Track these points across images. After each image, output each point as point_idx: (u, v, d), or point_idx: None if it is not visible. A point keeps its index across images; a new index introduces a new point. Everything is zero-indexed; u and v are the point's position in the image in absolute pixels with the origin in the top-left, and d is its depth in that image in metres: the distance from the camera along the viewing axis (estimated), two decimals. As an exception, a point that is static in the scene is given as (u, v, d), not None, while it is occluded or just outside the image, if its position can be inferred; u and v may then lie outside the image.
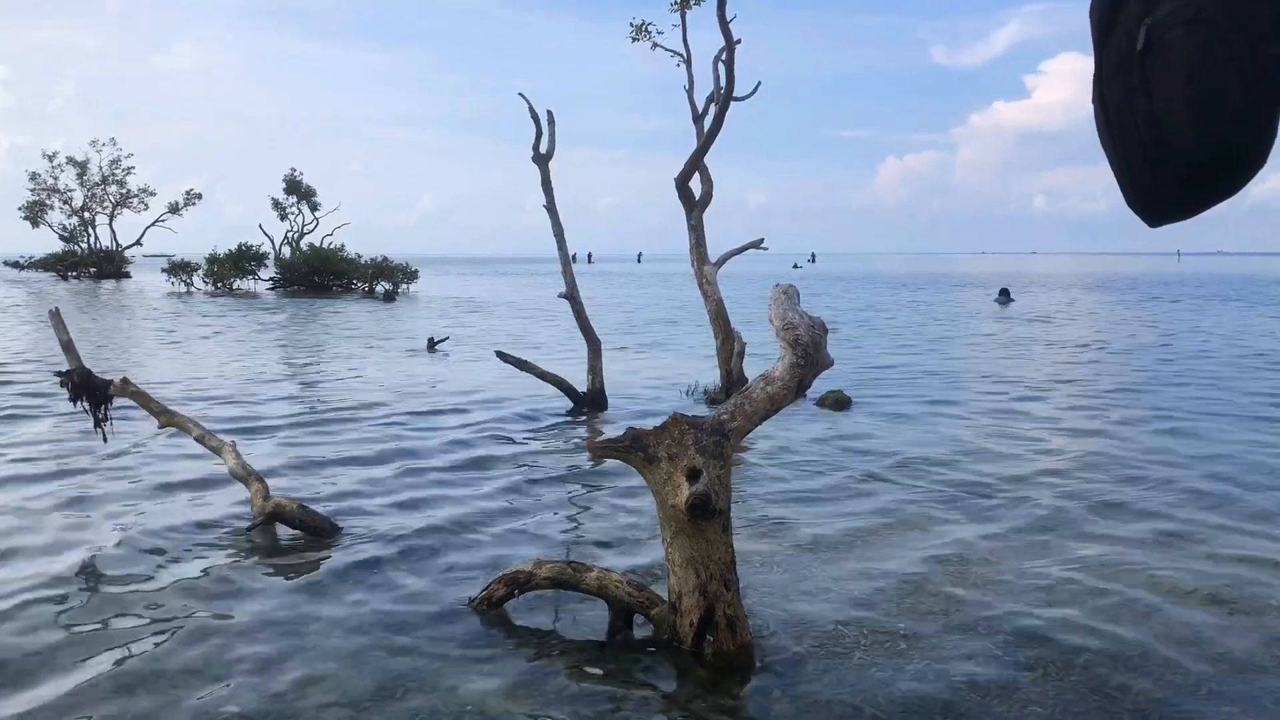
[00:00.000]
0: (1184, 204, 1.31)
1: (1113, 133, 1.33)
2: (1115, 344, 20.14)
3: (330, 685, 4.09)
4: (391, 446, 9.21)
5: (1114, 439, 9.69)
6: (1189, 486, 7.57)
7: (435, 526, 6.48)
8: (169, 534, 6.27)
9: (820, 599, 5.12)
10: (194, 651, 4.43)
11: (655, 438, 4.27)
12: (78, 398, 6.65)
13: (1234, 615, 4.89)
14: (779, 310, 4.72)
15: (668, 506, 4.22)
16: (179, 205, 60.34)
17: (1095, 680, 4.13)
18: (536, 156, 11.85)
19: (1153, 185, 1.30)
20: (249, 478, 6.46)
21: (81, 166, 59.28)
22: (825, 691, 4.02)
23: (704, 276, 12.69)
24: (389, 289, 40.94)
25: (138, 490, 7.42)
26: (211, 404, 11.56)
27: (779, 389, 4.48)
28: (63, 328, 6.73)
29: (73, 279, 55.51)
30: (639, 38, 13.99)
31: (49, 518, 6.67)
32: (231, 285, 45.17)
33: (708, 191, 13.03)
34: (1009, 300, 36.36)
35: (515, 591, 4.85)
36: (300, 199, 56.48)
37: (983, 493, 7.43)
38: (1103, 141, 1.36)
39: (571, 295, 11.79)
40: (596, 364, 11.69)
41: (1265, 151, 1.24)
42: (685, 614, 4.31)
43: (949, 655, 4.38)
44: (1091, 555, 5.85)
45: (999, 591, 5.23)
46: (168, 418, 6.76)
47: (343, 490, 7.48)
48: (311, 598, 5.15)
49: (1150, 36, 1.24)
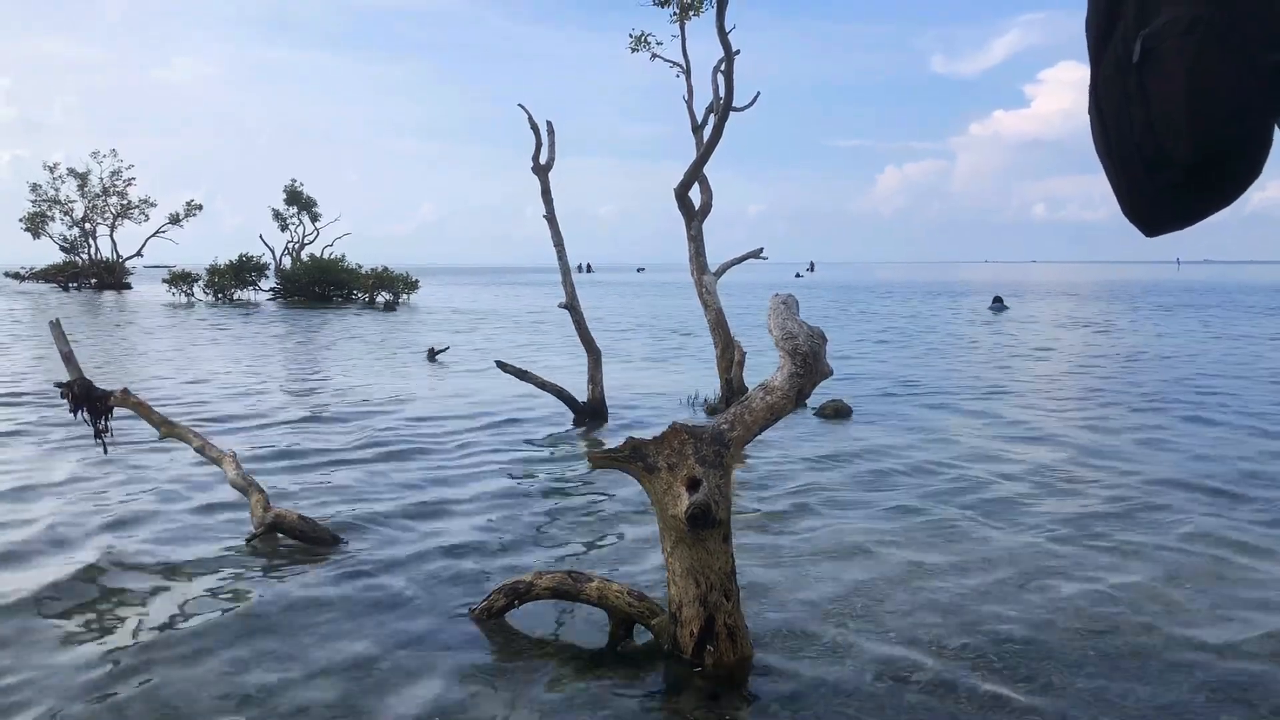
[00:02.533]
0: (1181, 213, 1.32)
1: (1109, 143, 1.33)
2: (1109, 352, 20.15)
3: (330, 695, 4.08)
4: (392, 457, 9.20)
5: (1107, 445, 9.69)
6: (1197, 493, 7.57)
7: (435, 537, 6.47)
8: (169, 544, 6.27)
9: (821, 610, 5.10)
10: (193, 662, 4.42)
11: (655, 447, 4.27)
12: (78, 409, 6.66)
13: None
14: (778, 320, 4.72)
15: (668, 516, 4.21)
16: (180, 216, 60.49)
17: (1101, 689, 4.12)
18: (536, 167, 11.87)
19: (1150, 195, 1.31)
20: (249, 488, 6.46)
21: (82, 178, 59.49)
22: (826, 704, 4.01)
23: (703, 286, 12.70)
24: (390, 299, 40.97)
25: (137, 501, 7.41)
26: (212, 415, 11.55)
27: (778, 398, 4.48)
28: (63, 339, 6.73)
29: (74, 290, 55.56)
30: (639, 48, 14.06)
31: (48, 528, 6.65)
32: (232, 296, 45.21)
33: (707, 201, 13.06)
34: (1003, 308, 36.43)
35: (516, 602, 4.85)
36: (301, 209, 56.63)
37: (988, 504, 7.42)
38: (1099, 152, 1.36)
39: (571, 305, 11.80)
40: (597, 374, 11.69)
41: (1261, 160, 1.24)
42: (685, 624, 4.30)
43: (952, 668, 4.36)
44: (1105, 563, 5.85)
45: (1003, 603, 5.22)
46: (168, 428, 6.76)
47: (343, 500, 7.47)
48: (311, 608, 5.13)
49: (1146, 47, 1.25)
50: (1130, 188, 1.33)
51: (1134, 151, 1.29)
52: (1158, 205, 1.32)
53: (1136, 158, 1.29)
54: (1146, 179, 1.29)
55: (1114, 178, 1.34)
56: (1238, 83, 1.19)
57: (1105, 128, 1.34)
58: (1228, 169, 1.26)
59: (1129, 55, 1.27)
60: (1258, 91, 1.20)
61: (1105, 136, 1.34)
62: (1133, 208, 1.34)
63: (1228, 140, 1.23)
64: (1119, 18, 1.30)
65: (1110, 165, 1.35)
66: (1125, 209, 1.35)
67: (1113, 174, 1.34)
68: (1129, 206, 1.34)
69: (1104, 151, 1.35)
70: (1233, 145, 1.23)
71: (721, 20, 11.95)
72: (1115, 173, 1.34)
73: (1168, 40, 1.22)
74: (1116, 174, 1.33)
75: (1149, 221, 1.34)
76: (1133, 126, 1.28)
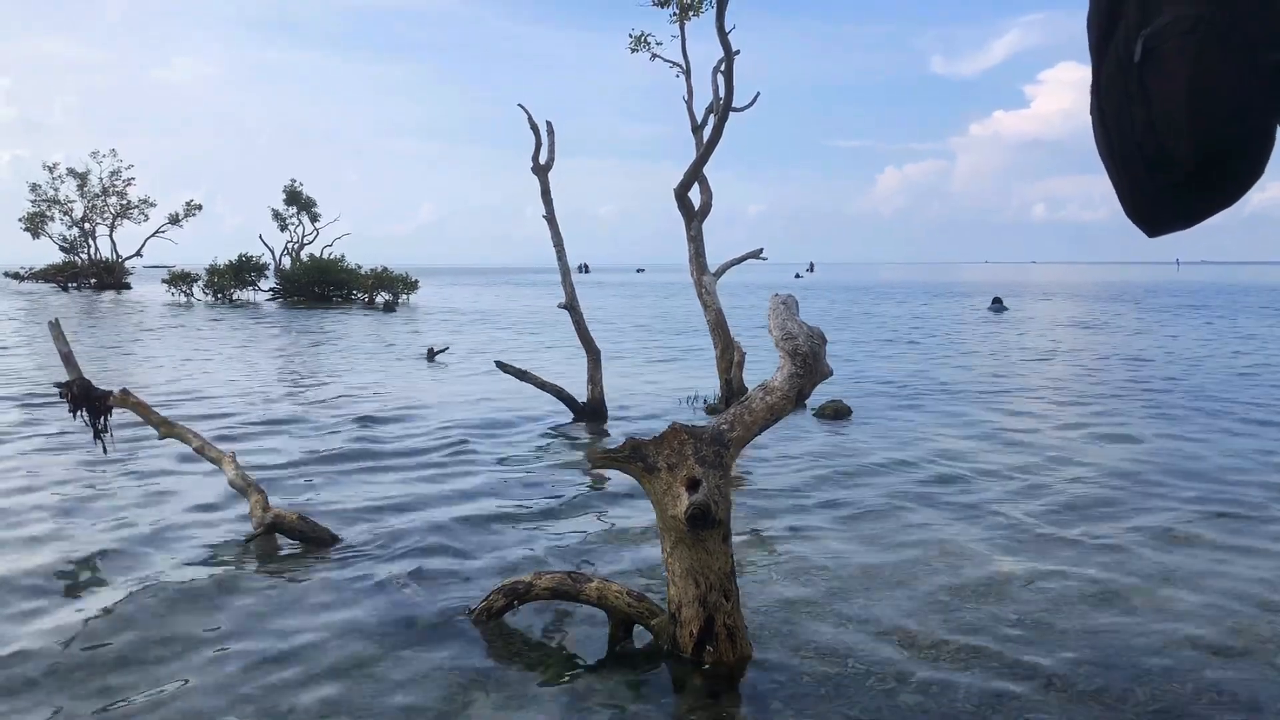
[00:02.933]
0: (1183, 213, 1.31)
1: (1111, 143, 1.33)
2: (1100, 352, 20.15)
3: (327, 696, 4.08)
4: (391, 458, 9.20)
5: (1097, 442, 9.70)
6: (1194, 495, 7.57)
7: (434, 537, 6.46)
8: (168, 545, 6.26)
9: (820, 610, 5.10)
10: (190, 660, 4.42)
11: (655, 447, 4.27)
12: (77, 409, 6.65)
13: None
14: (778, 320, 4.72)
15: (667, 516, 4.21)
16: (179, 216, 60.46)
17: (1100, 692, 4.11)
18: (536, 167, 11.87)
19: (1152, 195, 1.30)
20: (248, 488, 6.45)
21: (82, 178, 59.48)
22: (825, 704, 4.01)
23: (703, 286, 12.70)
24: (389, 299, 40.96)
25: (136, 501, 7.40)
26: (210, 414, 11.55)
27: (778, 399, 4.48)
28: (62, 339, 6.72)
29: (73, 290, 55.55)
30: (638, 49, 14.05)
31: (48, 528, 6.65)
32: (231, 296, 45.20)
33: (707, 202, 13.05)
34: (1003, 309, 36.53)
35: (515, 602, 4.84)
36: (300, 209, 56.58)
37: (989, 504, 7.41)
38: (1101, 152, 1.36)
39: (571, 305, 11.79)
40: (596, 374, 11.69)
41: (1264, 160, 1.24)
42: (685, 624, 4.29)
43: (951, 669, 4.36)
44: (1104, 561, 5.85)
45: (1002, 603, 5.22)
46: (168, 429, 6.75)
47: (342, 500, 7.46)
48: (310, 608, 5.13)
49: (1148, 46, 1.24)
50: (1132, 188, 1.32)
51: (1135, 151, 1.29)
52: (1159, 205, 1.31)
53: (1138, 157, 1.29)
54: (1148, 179, 1.28)
55: (1116, 178, 1.34)
56: (1239, 83, 1.19)
57: (1107, 128, 1.33)
58: (1229, 169, 1.25)
59: (1130, 55, 1.26)
60: (1259, 91, 1.20)
61: (1107, 136, 1.34)
62: (1135, 208, 1.34)
63: (1229, 140, 1.22)
64: (1120, 17, 1.30)
65: (1112, 165, 1.34)
66: (1127, 209, 1.34)
67: (1114, 174, 1.34)
68: (1131, 207, 1.34)
69: (1105, 151, 1.34)
70: (1234, 145, 1.23)
71: (721, 20, 11.95)
72: (1117, 173, 1.33)
73: (1170, 40, 1.22)
74: (1118, 174, 1.33)
75: (1151, 221, 1.34)
76: (1134, 126, 1.28)
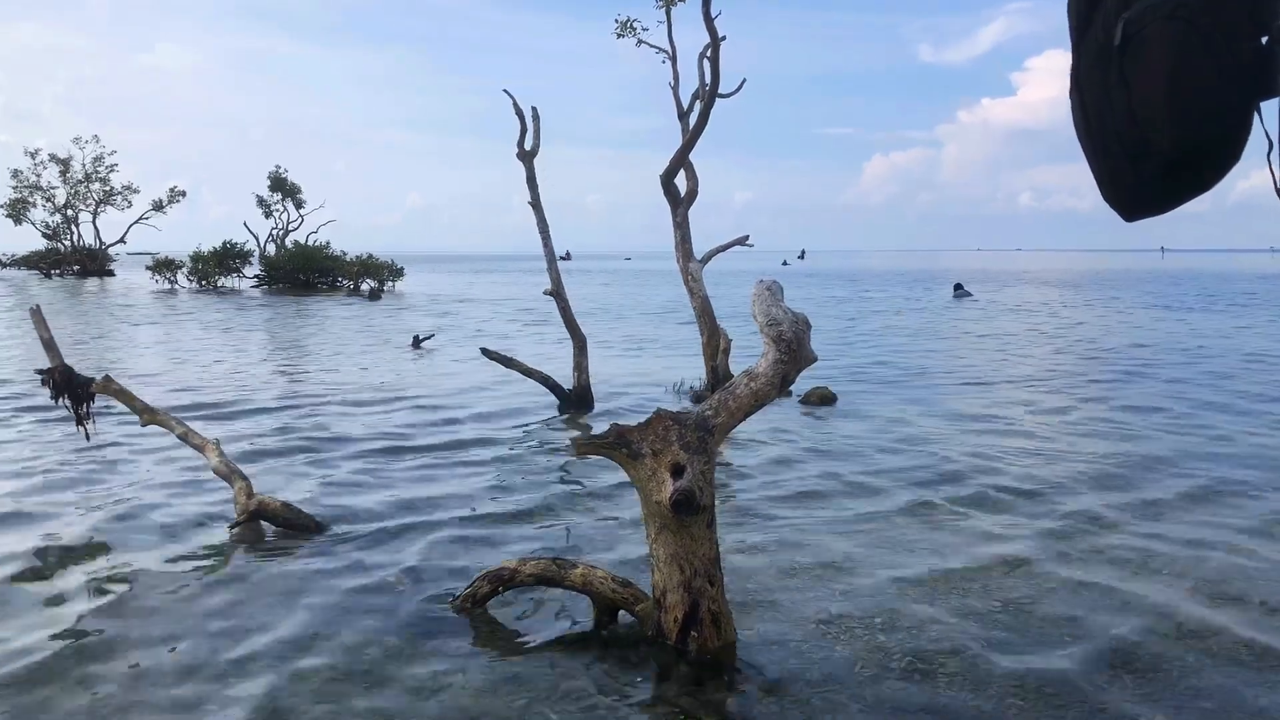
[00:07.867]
0: (1161, 198, 1.32)
1: (1090, 127, 1.33)
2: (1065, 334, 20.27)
3: (311, 683, 4.07)
4: (376, 444, 9.18)
5: (1077, 430, 9.76)
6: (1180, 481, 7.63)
7: (419, 524, 6.46)
8: (150, 532, 6.24)
9: (806, 596, 5.12)
10: (173, 649, 4.40)
11: (639, 434, 4.27)
12: (59, 396, 6.61)
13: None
14: (763, 306, 4.72)
15: (652, 502, 4.21)
16: (163, 202, 59.93)
17: (1089, 683, 4.15)
18: (521, 153, 11.82)
19: (1131, 179, 1.31)
20: (232, 476, 6.43)
21: (64, 164, 58.84)
22: (810, 689, 4.03)
23: (689, 273, 12.69)
24: (374, 286, 40.76)
25: (119, 489, 7.36)
26: (194, 402, 11.49)
27: (762, 385, 4.48)
28: (44, 325, 6.67)
29: (56, 277, 55.08)
30: (624, 34, 13.98)
31: (30, 516, 6.61)
32: (216, 283, 44.90)
33: (693, 188, 13.02)
34: (966, 294, 37.18)
35: (500, 589, 4.84)
36: (285, 196, 56.16)
37: (974, 492, 7.45)
38: (1080, 136, 1.36)
39: (557, 292, 11.77)
40: (582, 361, 11.67)
41: (1241, 145, 1.24)
42: (670, 610, 4.30)
43: (934, 655, 4.38)
44: (1090, 544, 5.89)
45: (987, 591, 5.24)
46: (150, 416, 6.71)
47: (327, 487, 7.44)
48: (294, 595, 5.12)
49: (1127, 32, 1.24)
50: (1110, 173, 1.32)
51: (1114, 138, 1.29)
52: (1138, 192, 1.32)
53: (1117, 144, 1.29)
54: (1129, 167, 1.29)
55: (1093, 162, 1.34)
56: (1219, 76, 1.19)
57: (1086, 113, 1.34)
58: (1208, 159, 1.26)
59: (1110, 39, 1.26)
60: (1238, 77, 1.20)
61: (1086, 122, 1.34)
62: (1113, 193, 1.34)
63: (1209, 134, 1.23)
64: (1101, 1, 1.30)
65: (1090, 150, 1.34)
66: (1105, 193, 1.35)
67: (1092, 158, 1.34)
68: (1109, 191, 1.34)
69: (1084, 135, 1.34)
70: (1214, 139, 1.23)
71: (707, 6, 11.90)
72: (1095, 157, 1.33)
73: (1150, 25, 1.22)
74: (1096, 159, 1.33)
75: (1128, 206, 1.34)
76: (1113, 113, 1.28)
